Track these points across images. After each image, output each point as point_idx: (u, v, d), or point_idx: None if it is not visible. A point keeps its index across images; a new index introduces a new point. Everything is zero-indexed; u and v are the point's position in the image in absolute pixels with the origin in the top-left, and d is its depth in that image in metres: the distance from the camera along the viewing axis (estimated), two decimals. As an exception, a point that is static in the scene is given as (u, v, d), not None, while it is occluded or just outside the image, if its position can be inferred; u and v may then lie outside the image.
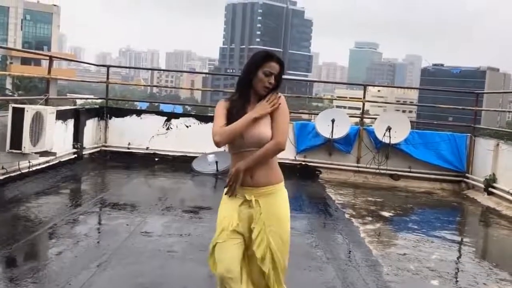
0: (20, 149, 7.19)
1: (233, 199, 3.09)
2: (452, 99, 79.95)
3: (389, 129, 10.13)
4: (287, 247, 3.18)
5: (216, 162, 9.49)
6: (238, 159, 3.06)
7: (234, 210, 3.08)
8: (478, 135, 10.60)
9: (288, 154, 10.51)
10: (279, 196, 3.17)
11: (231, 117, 3.06)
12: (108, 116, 10.82)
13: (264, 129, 3.04)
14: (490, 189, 9.12)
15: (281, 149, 3.10)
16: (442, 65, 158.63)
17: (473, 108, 11.30)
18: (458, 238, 7.04)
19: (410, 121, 10.85)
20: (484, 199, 9.08)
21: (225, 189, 3.12)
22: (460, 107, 12.51)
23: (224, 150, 9.63)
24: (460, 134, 10.56)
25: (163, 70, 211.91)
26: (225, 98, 3.22)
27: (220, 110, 3.11)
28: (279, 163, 3.31)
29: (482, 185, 9.36)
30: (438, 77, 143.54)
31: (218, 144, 3.06)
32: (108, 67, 11.97)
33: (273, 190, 3.14)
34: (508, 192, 8.53)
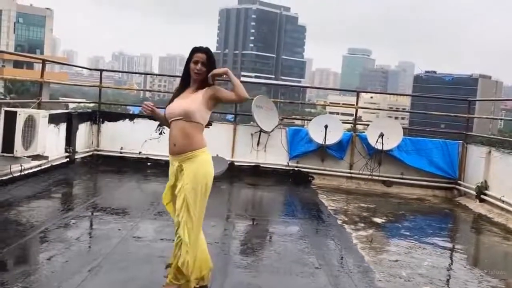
0: (12, 153, 7.17)
1: (171, 165, 4.05)
2: (444, 106, 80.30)
3: (381, 135, 10.15)
4: (201, 199, 3.93)
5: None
6: (170, 130, 4.02)
7: (173, 173, 4.04)
8: (470, 142, 10.65)
9: (281, 160, 10.52)
10: (198, 159, 3.93)
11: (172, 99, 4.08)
12: (101, 120, 10.79)
13: (192, 104, 3.92)
14: (482, 196, 9.15)
15: (246, 96, 4.01)
16: (434, 72, 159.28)
17: (466, 115, 11.35)
18: (450, 245, 7.05)
19: (403, 128, 10.89)
20: (476, 206, 9.11)
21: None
22: (453, 114, 12.55)
23: (217, 155, 9.63)
24: (452, 141, 10.60)
25: (156, 75, 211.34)
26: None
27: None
28: (271, 168, 3.68)
29: (474, 192, 9.39)
30: (431, 84, 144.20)
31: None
32: (101, 71, 11.93)
33: (193, 155, 3.91)
34: (499, 199, 8.57)
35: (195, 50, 4.01)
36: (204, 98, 3.95)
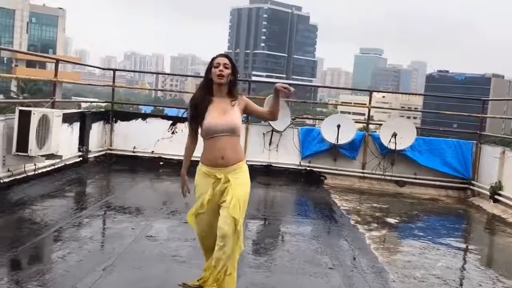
0: (26, 152, 7.21)
1: (207, 178, 3.94)
2: (456, 105, 79.88)
3: (394, 135, 10.11)
4: (244, 205, 3.92)
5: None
6: (212, 143, 3.89)
7: (208, 186, 3.93)
8: (484, 142, 10.57)
9: (293, 160, 10.51)
10: (243, 169, 3.96)
11: (197, 109, 3.93)
12: (114, 119, 10.83)
13: (237, 120, 3.92)
14: (496, 196, 9.08)
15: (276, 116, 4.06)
16: (447, 71, 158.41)
17: (480, 115, 11.27)
18: (464, 246, 7.01)
19: (416, 127, 10.83)
20: (490, 207, 9.04)
21: (200, 167, 4.04)
22: (466, 113, 12.47)
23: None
24: (466, 141, 10.53)
25: (168, 74, 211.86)
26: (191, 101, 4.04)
27: (190, 114, 4.03)
28: (284, 168, 3.79)
29: (487, 193, 9.33)
30: (443, 84, 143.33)
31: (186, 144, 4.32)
32: (114, 70, 11.97)
33: (239, 166, 3.92)
34: (514, 200, 8.50)
35: (214, 57, 3.96)
36: (240, 110, 3.97)
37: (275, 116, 4.03)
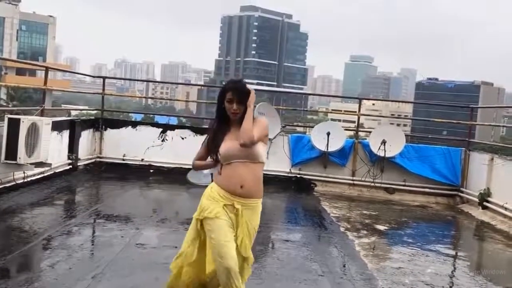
0: (15, 160, 7.19)
1: (218, 202, 3.61)
2: (446, 113, 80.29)
3: (384, 142, 10.16)
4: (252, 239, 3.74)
5: (211, 174, 9.44)
6: (231, 169, 3.61)
7: (219, 206, 3.60)
8: (473, 149, 10.64)
9: (283, 167, 10.52)
10: (258, 207, 3.72)
11: (214, 134, 3.73)
12: (103, 127, 10.80)
13: (257, 145, 3.62)
14: (484, 203, 9.14)
15: (251, 140, 3.55)
16: (436, 79, 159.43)
17: (468, 122, 11.35)
18: (453, 252, 7.04)
19: (405, 135, 10.89)
20: (479, 213, 9.10)
21: (211, 191, 3.71)
22: (455, 121, 12.57)
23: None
24: (455, 148, 10.59)
25: (159, 82, 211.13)
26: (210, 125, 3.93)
27: (204, 145, 3.84)
28: (273, 175, 3.65)
29: (476, 199, 9.38)
30: (433, 91, 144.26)
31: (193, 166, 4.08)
32: (104, 78, 11.96)
33: (258, 203, 3.70)
34: (502, 207, 8.56)
35: (226, 89, 3.66)
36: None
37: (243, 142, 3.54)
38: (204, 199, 3.68)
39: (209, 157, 3.82)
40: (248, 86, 3.72)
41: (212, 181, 3.82)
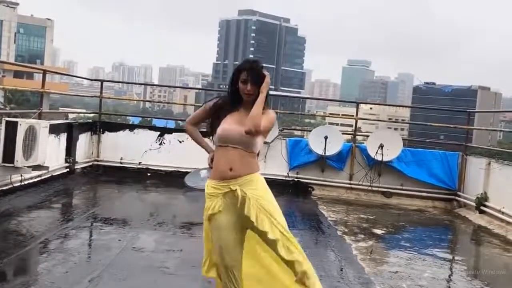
0: (13, 163, 7.16)
1: (216, 195, 3.43)
2: (443, 117, 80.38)
3: (381, 146, 10.18)
4: (280, 212, 3.47)
5: (209, 178, 9.45)
6: (222, 153, 3.44)
7: (218, 198, 3.43)
8: (470, 154, 10.66)
9: (281, 171, 10.53)
10: (259, 179, 3.50)
11: (218, 112, 3.54)
12: (101, 130, 10.79)
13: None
14: (481, 207, 9.15)
15: (257, 128, 3.35)
16: (433, 83, 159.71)
17: (465, 126, 11.37)
18: (450, 256, 7.05)
19: (402, 139, 10.91)
20: (476, 218, 9.11)
21: (207, 188, 3.51)
22: (452, 125, 12.60)
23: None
24: (452, 153, 10.61)
25: (156, 85, 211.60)
26: (219, 98, 3.66)
27: (209, 105, 3.64)
28: (271, 179, 3.50)
29: (473, 204, 9.39)
30: (430, 96, 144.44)
31: (185, 128, 3.89)
32: (101, 81, 11.97)
33: (254, 176, 3.45)
34: (499, 211, 8.57)
35: (241, 69, 3.48)
36: None
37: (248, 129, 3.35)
38: (206, 199, 3.51)
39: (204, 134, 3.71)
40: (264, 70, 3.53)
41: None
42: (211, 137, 3.61)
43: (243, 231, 3.45)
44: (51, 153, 8.51)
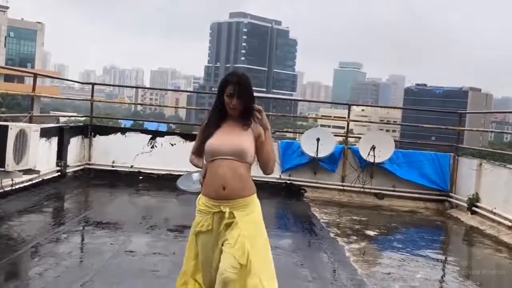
0: (3, 167, 7.12)
1: (206, 214, 3.30)
2: (434, 118, 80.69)
3: (373, 148, 10.19)
4: (264, 247, 3.40)
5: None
6: (213, 168, 3.29)
7: (209, 224, 3.29)
8: (461, 155, 10.70)
9: (273, 173, 10.46)
10: (255, 205, 3.37)
11: (204, 130, 3.41)
12: (92, 134, 10.75)
13: (245, 142, 3.30)
14: (473, 208, 9.18)
15: (271, 168, 3.42)
16: (425, 85, 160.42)
17: (457, 128, 11.42)
18: (442, 257, 7.07)
19: (394, 141, 10.94)
20: (468, 218, 9.14)
21: (198, 203, 3.39)
22: (444, 126, 12.63)
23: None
24: (444, 154, 10.65)
25: (148, 88, 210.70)
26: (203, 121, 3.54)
27: (200, 132, 3.49)
28: (263, 182, 3.41)
29: (465, 205, 9.42)
30: (421, 97, 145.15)
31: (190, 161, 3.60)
32: (93, 84, 11.92)
33: (249, 201, 3.32)
34: (491, 212, 8.60)
35: (227, 82, 3.33)
36: (254, 135, 3.35)
37: (266, 168, 3.41)
38: (196, 213, 3.40)
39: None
40: (256, 94, 3.44)
41: (202, 188, 3.64)
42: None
43: None
44: (42, 157, 8.46)
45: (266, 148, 3.35)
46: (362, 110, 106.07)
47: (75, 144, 10.27)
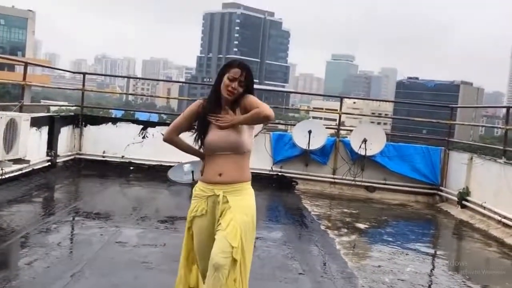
0: (-7, 156, 7.07)
1: (201, 198, 3.34)
2: (426, 112, 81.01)
3: (365, 141, 10.21)
4: (251, 235, 3.35)
5: (192, 172, 9.43)
6: (212, 160, 3.35)
7: (203, 200, 3.34)
8: (452, 149, 10.73)
9: (265, 165, 10.51)
10: (248, 191, 3.40)
11: (200, 121, 3.40)
12: (83, 123, 10.69)
13: (241, 135, 3.32)
14: (463, 202, 9.22)
15: (268, 115, 3.24)
16: (417, 78, 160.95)
17: (448, 121, 11.45)
18: (432, 251, 7.10)
19: (386, 134, 10.95)
20: (458, 212, 9.18)
21: (194, 188, 3.41)
22: (435, 120, 12.67)
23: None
24: (435, 147, 10.68)
25: (139, 78, 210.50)
26: (203, 98, 3.52)
27: (189, 112, 3.49)
28: (255, 173, 3.37)
29: (455, 198, 9.46)
30: (413, 90, 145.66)
31: (164, 139, 3.63)
32: (84, 74, 11.84)
33: (243, 187, 3.36)
34: (481, 206, 8.64)
35: (232, 64, 3.36)
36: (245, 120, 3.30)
37: (260, 116, 3.24)
38: (192, 200, 3.41)
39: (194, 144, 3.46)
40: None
41: (193, 179, 3.64)
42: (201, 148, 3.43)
43: None
44: (32, 146, 8.41)
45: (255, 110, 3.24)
46: (354, 102, 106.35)
47: (65, 133, 10.21)
